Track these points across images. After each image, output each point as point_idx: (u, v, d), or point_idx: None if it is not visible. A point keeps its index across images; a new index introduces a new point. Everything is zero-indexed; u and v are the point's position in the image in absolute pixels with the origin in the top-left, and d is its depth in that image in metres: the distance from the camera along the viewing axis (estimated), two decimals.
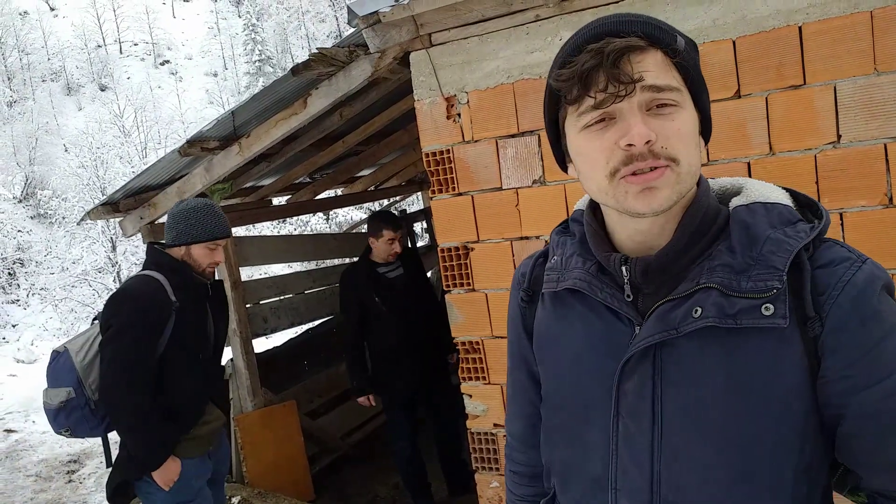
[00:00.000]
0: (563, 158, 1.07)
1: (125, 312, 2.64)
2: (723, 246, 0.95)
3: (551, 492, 1.18)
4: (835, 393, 0.91)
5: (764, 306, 0.89)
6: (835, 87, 2.13)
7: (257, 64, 58.76)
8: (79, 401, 2.66)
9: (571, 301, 1.07)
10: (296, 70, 2.90)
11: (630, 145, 0.89)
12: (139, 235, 4.21)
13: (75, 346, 2.71)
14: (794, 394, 0.92)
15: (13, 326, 30.09)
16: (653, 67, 0.91)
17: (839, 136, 2.15)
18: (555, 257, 1.12)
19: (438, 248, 2.87)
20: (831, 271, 0.91)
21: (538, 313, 1.15)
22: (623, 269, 0.99)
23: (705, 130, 1.02)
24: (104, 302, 2.73)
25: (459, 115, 2.73)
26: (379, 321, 4.11)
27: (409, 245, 6.86)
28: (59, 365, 2.70)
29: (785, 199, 0.99)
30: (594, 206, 1.08)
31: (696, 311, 0.92)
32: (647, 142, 0.89)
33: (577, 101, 0.93)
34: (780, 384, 0.91)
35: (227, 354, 4.15)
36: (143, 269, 2.81)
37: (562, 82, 0.94)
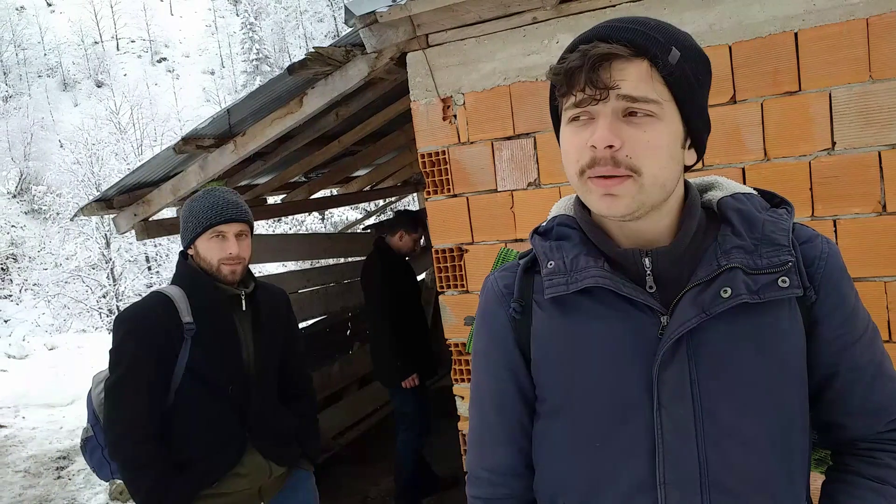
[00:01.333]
0: None
1: (118, 340, 2.18)
2: (727, 231, 1.02)
3: None
4: (830, 352, 1.04)
5: (780, 279, 0.98)
6: (830, 94, 2.14)
7: (254, 63, 58.73)
8: (98, 440, 2.27)
9: (583, 303, 1.04)
10: (292, 69, 2.90)
11: (594, 147, 0.94)
12: (133, 232, 4.19)
13: (99, 376, 2.33)
14: (802, 358, 1.03)
15: (5, 322, 29.97)
16: (633, 77, 0.93)
17: (834, 143, 2.15)
18: (551, 262, 1.07)
19: (433, 249, 2.87)
20: (812, 245, 1.03)
21: (536, 324, 1.10)
22: (646, 260, 1.02)
23: (697, 142, 1.03)
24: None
25: (455, 116, 2.73)
26: (409, 309, 4.40)
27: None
28: (88, 397, 2.34)
29: (753, 191, 1.09)
30: (583, 206, 1.09)
31: (726, 291, 0.97)
32: (610, 146, 0.93)
33: (565, 95, 0.98)
34: (796, 350, 1.02)
35: None
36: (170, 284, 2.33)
37: (554, 76, 0.99)
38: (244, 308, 2.29)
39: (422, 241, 4.56)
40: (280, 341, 2.42)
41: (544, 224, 1.15)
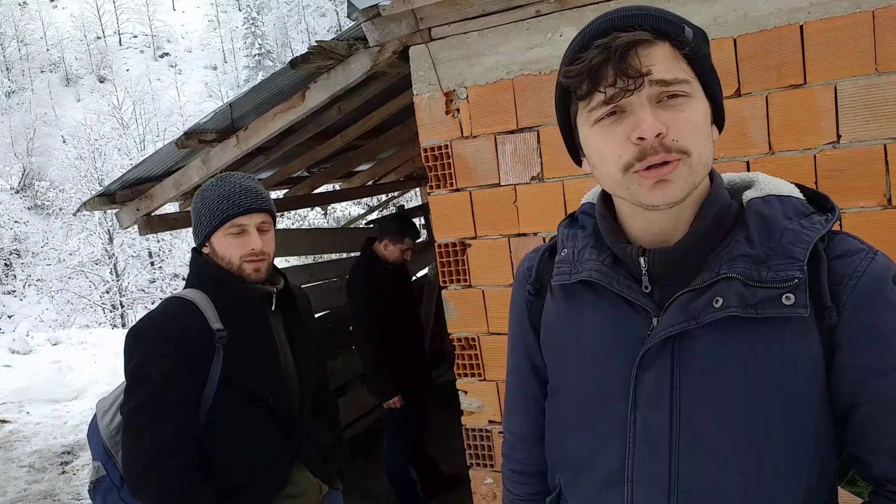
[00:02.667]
0: (577, 153, 1.08)
1: (139, 358, 1.83)
2: (741, 237, 0.96)
3: (557, 488, 1.17)
4: (851, 381, 0.93)
5: (785, 296, 0.91)
6: (835, 87, 2.12)
7: (257, 58, 58.69)
8: (112, 479, 1.89)
9: (584, 293, 1.06)
10: (294, 63, 2.89)
11: (641, 139, 0.90)
12: (136, 227, 4.19)
13: (105, 403, 1.99)
14: (810, 383, 0.94)
15: (9, 317, 30.06)
16: (660, 60, 0.91)
17: (839, 137, 2.14)
18: (565, 250, 1.10)
19: (436, 244, 2.86)
20: (847, 262, 0.94)
21: (547, 307, 1.14)
22: (641, 259, 1.00)
23: (718, 119, 1.01)
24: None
25: (458, 110, 2.72)
26: (397, 317, 4.20)
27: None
28: (91, 430, 1.98)
29: (796, 192, 1.01)
30: (606, 198, 1.08)
31: (718, 301, 0.93)
32: (658, 134, 0.89)
33: (588, 96, 0.94)
34: (799, 373, 0.93)
35: None
36: (185, 287, 2.01)
37: (571, 78, 0.95)
38: (273, 308, 2.00)
39: (411, 252, 4.25)
40: (315, 343, 2.16)
41: (578, 209, 1.17)
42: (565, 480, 1.14)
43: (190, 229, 2.30)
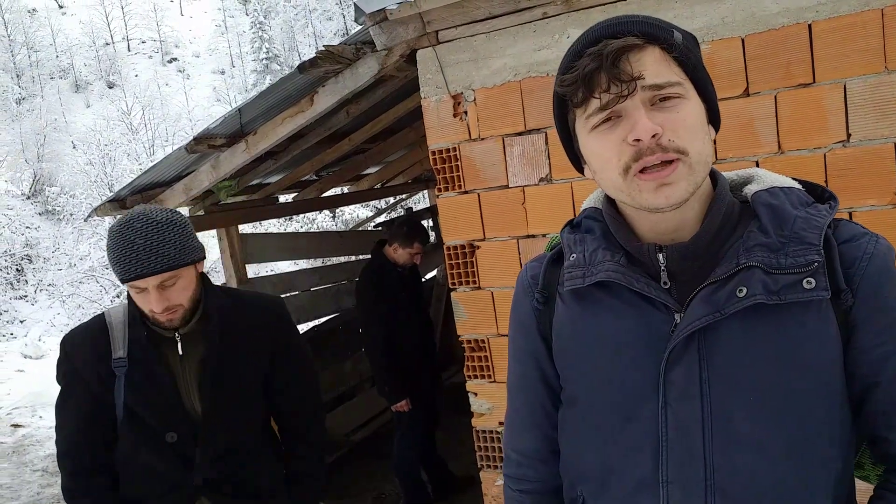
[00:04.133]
0: (577, 160, 1.09)
1: (58, 360, 1.98)
2: (754, 227, 0.98)
3: (580, 500, 1.13)
4: (869, 361, 0.96)
5: (805, 280, 0.92)
6: (844, 86, 2.12)
7: (264, 62, 58.90)
8: None
9: (600, 295, 1.06)
10: (303, 67, 2.90)
11: (637, 140, 0.91)
12: None
13: None
14: (833, 366, 0.96)
15: (21, 322, 30.26)
16: (651, 65, 0.93)
17: (849, 135, 2.13)
18: (574, 255, 1.09)
19: (444, 246, 2.87)
20: (856, 245, 0.97)
21: (558, 314, 1.12)
22: (660, 255, 1.00)
23: (714, 119, 1.03)
24: None
25: (466, 112, 2.72)
26: (406, 320, 4.21)
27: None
28: None
29: (796, 185, 1.04)
30: (611, 200, 1.09)
31: (741, 290, 0.94)
32: (654, 135, 0.91)
33: (584, 103, 0.96)
34: (824, 357, 0.95)
35: None
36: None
37: (567, 87, 0.97)
38: (181, 352, 1.92)
39: (420, 256, 4.27)
40: (247, 376, 2.01)
41: (577, 216, 1.17)
42: (590, 492, 1.10)
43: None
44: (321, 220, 30.26)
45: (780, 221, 0.96)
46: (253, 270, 5.08)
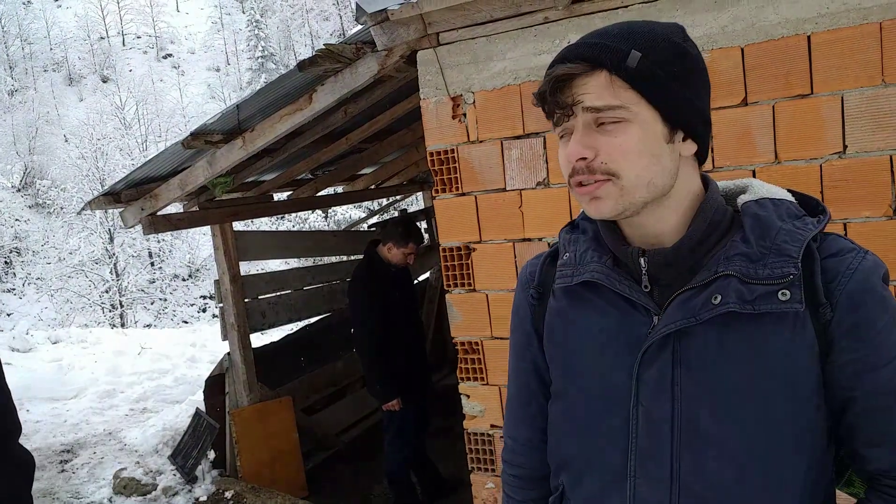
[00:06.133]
0: None
1: None
2: (737, 237, 1.00)
3: (559, 489, 1.20)
4: (845, 375, 0.97)
5: (781, 292, 0.95)
6: (842, 98, 2.13)
7: (260, 60, 58.75)
8: None
9: (587, 295, 1.11)
10: (302, 65, 2.90)
11: (570, 161, 0.99)
12: (138, 227, 4.20)
13: None
14: (807, 378, 0.97)
15: (8, 315, 30.03)
16: (594, 89, 0.97)
17: (845, 147, 2.15)
18: (567, 254, 1.15)
19: (440, 248, 2.87)
20: (839, 260, 0.98)
21: (549, 310, 1.18)
22: (641, 260, 1.04)
23: (691, 132, 1.02)
24: None
25: (465, 114, 2.73)
26: (398, 320, 4.20)
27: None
28: None
29: (789, 196, 1.06)
30: None
31: (716, 298, 0.97)
32: (582, 158, 0.97)
33: (549, 118, 1.04)
34: (797, 368, 0.97)
35: None
36: None
37: (535, 103, 1.05)
38: None
39: (414, 256, 4.27)
40: None
41: (577, 217, 1.21)
42: (569, 481, 1.16)
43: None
44: (313, 220, 30.19)
45: (764, 232, 0.98)
46: (244, 268, 5.07)
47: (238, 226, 4.85)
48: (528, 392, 1.26)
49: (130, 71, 59.55)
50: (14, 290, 32.34)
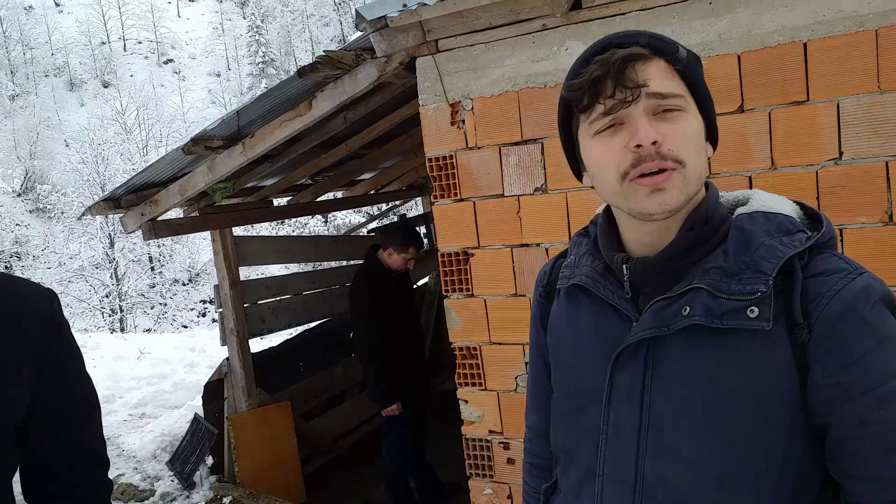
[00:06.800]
0: (577, 167, 1.13)
1: None
2: (720, 251, 0.99)
3: (554, 478, 1.24)
4: (821, 401, 0.93)
5: (749, 309, 0.93)
6: (838, 104, 2.15)
7: (260, 65, 58.87)
8: None
9: (580, 296, 1.13)
10: (302, 72, 2.91)
11: (638, 146, 0.94)
12: (138, 232, 4.21)
13: None
14: (778, 398, 0.94)
15: None
16: (656, 75, 0.96)
17: (841, 153, 2.16)
18: (571, 256, 1.18)
19: (438, 253, 2.88)
20: (823, 280, 0.94)
21: (553, 308, 1.22)
22: (624, 267, 1.05)
23: (711, 137, 1.06)
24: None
25: (464, 121, 2.74)
26: (398, 325, 4.22)
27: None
28: None
29: (791, 210, 1.03)
30: (609, 210, 1.13)
31: (685, 309, 0.97)
32: (654, 142, 0.94)
33: (588, 108, 0.99)
34: (766, 387, 0.94)
35: None
36: None
37: (573, 92, 0.99)
38: None
39: (414, 261, 4.29)
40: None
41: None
42: (560, 470, 1.20)
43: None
44: (313, 225, 30.21)
45: (745, 247, 0.97)
46: (244, 273, 5.07)
47: (238, 231, 4.86)
48: (541, 386, 1.30)
49: (131, 76, 59.64)
50: None
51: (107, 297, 28.52)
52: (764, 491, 0.96)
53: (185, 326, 30.17)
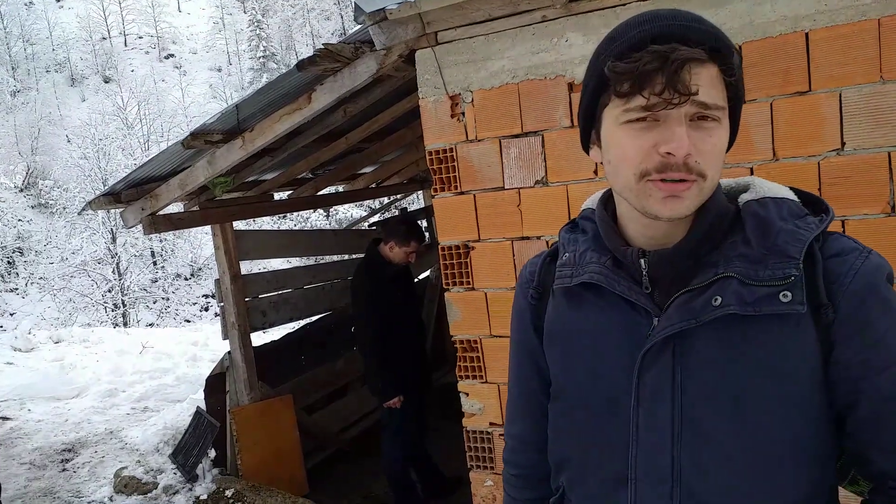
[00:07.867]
0: (587, 140, 1.07)
1: None
2: (738, 238, 0.98)
3: (560, 490, 1.19)
4: (849, 378, 0.95)
5: (782, 293, 0.93)
6: (840, 95, 2.13)
7: (261, 60, 58.81)
8: None
9: (586, 296, 1.09)
10: (301, 65, 2.90)
11: (669, 154, 0.92)
12: (140, 227, 4.21)
13: None
14: (809, 379, 0.96)
15: (11, 315, 30.09)
16: (706, 83, 0.92)
17: (843, 144, 2.15)
18: (566, 254, 1.13)
19: (439, 246, 2.87)
20: (842, 260, 0.96)
21: (549, 310, 1.17)
22: (641, 261, 1.02)
23: (731, 139, 1.03)
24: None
25: (464, 113, 2.73)
26: (400, 319, 4.22)
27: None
28: None
29: (791, 195, 1.03)
30: (606, 203, 1.10)
31: (716, 299, 0.95)
32: (687, 155, 0.91)
33: (627, 95, 0.94)
34: (799, 370, 0.95)
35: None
36: None
37: (617, 74, 0.93)
38: None
39: (415, 255, 4.29)
40: None
41: (578, 216, 1.19)
42: (569, 482, 1.15)
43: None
44: (315, 219, 30.20)
45: (765, 233, 0.97)
46: (246, 267, 5.07)
47: (239, 225, 4.86)
48: (529, 392, 1.25)
49: (132, 71, 59.58)
50: (17, 289, 32.39)
51: (109, 292, 28.56)
52: (801, 474, 0.98)
53: (188, 321, 30.23)
